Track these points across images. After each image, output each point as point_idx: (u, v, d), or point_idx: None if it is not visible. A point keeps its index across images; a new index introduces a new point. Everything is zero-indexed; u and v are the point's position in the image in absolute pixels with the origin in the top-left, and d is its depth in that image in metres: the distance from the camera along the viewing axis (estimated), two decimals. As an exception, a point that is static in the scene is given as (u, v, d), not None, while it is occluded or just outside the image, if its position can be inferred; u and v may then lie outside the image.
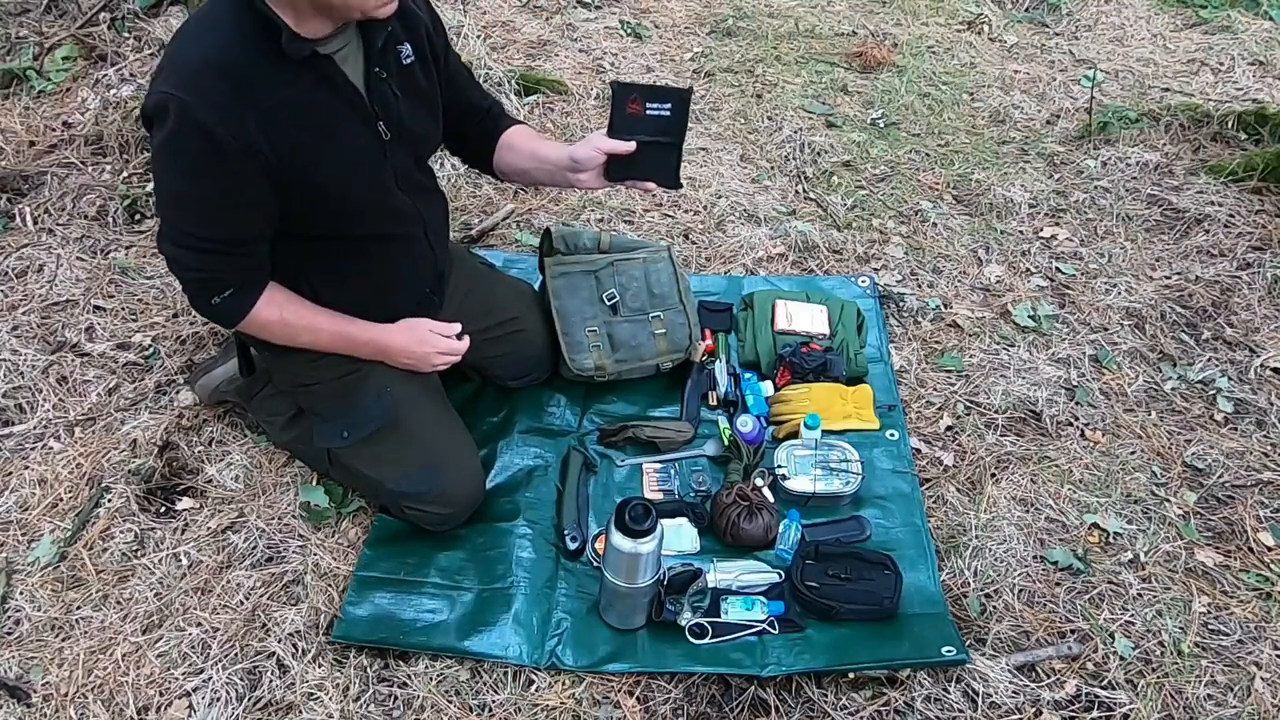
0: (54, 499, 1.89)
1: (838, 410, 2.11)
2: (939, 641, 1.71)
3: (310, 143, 1.48)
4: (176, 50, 1.43)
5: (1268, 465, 2.11)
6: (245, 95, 1.39)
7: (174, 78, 1.38)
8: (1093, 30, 3.90)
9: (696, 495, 1.98)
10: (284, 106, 1.44)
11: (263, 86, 1.41)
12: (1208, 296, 2.54)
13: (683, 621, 1.72)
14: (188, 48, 1.42)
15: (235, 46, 1.39)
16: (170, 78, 1.39)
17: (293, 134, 1.46)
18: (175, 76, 1.38)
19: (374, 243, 1.68)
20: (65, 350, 2.18)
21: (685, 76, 3.42)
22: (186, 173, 1.45)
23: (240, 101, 1.39)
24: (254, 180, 1.46)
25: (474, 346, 1.93)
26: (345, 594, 1.75)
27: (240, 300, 1.59)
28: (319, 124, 1.49)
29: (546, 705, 1.63)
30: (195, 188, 1.46)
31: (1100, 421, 2.20)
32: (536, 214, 2.72)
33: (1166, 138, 3.13)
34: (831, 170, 2.98)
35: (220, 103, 1.38)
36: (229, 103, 1.38)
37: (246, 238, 1.55)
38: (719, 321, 2.35)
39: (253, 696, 1.61)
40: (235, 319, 1.62)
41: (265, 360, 1.88)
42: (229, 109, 1.38)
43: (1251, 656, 1.75)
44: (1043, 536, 1.94)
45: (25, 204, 2.55)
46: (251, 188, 1.47)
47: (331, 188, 1.54)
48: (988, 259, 2.66)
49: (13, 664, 1.64)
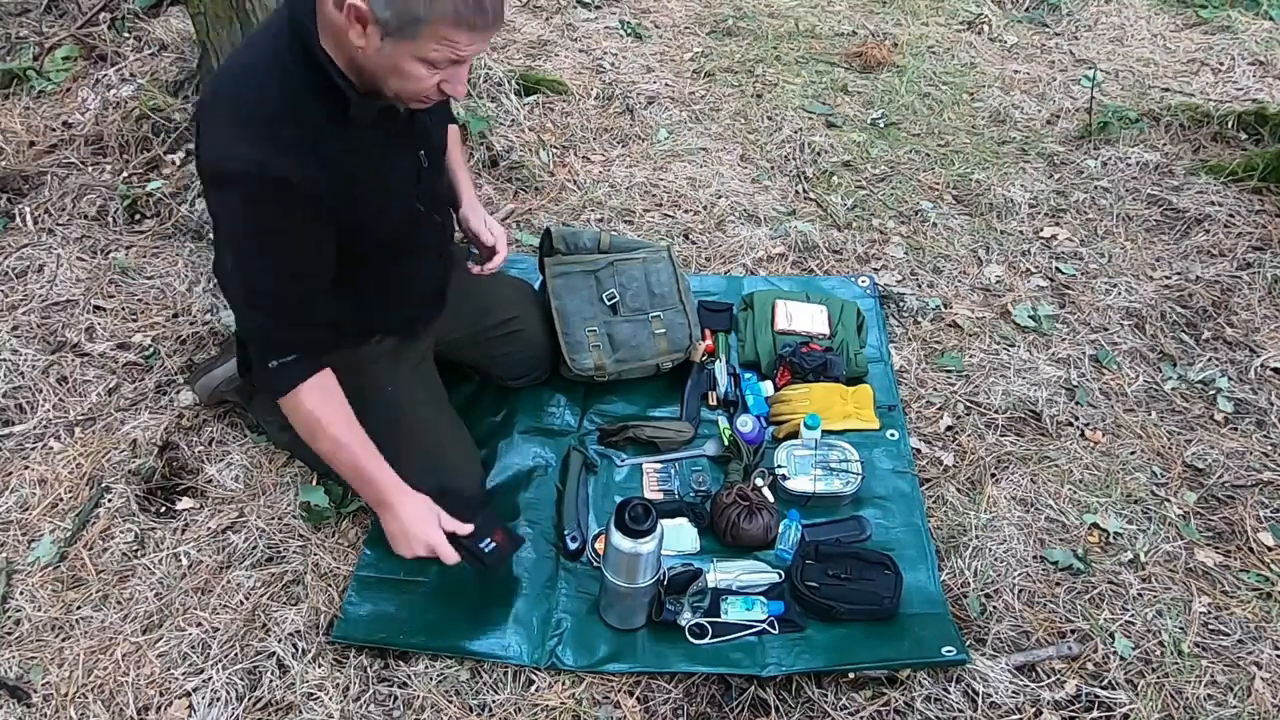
0: (54, 499, 1.89)
1: (838, 410, 2.11)
2: (939, 641, 1.71)
3: (364, 181, 1.49)
4: (239, 101, 1.38)
5: (1268, 465, 2.11)
6: (315, 145, 1.39)
7: (247, 133, 1.35)
8: (1093, 30, 3.90)
9: (696, 495, 1.98)
10: (346, 152, 1.43)
11: (328, 135, 1.41)
12: (1208, 296, 2.54)
13: (683, 621, 1.72)
14: (252, 99, 1.37)
15: (304, 97, 1.37)
16: (242, 133, 1.36)
17: (351, 176, 1.45)
18: (248, 131, 1.36)
19: (392, 260, 1.67)
20: (65, 350, 2.18)
21: (685, 76, 3.42)
22: (268, 229, 1.42)
23: (312, 151, 1.39)
24: (324, 227, 1.46)
25: (474, 346, 1.94)
26: (345, 594, 1.75)
27: (299, 369, 1.54)
28: (374, 163, 1.50)
29: (546, 705, 1.63)
30: (275, 242, 1.45)
31: (1100, 421, 2.20)
32: (536, 214, 2.72)
33: (1166, 138, 3.13)
34: (831, 170, 2.98)
35: (296, 154, 1.36)
36: (303, 154, 1.37)
37: (317, 288, 1.54)
38: (719, 321, 2.35)
39: (253, 696, 1.61)
40: (284, 387, 1.55)
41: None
42: (304, 160, 1.37)
43: (1251, 656, 1.75)
44: (1043, 536, 1.94)
45: (25, 204, 2.55)
46: (322, 235, 1.47)
47: (371, 219, 1.54)
48: (988, 259, 2.66)
49: (13, 664, 1.64)
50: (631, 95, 3.23)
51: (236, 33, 2.53)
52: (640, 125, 3.13)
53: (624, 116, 3.15)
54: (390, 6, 1.25)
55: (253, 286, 1.50)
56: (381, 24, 1.27)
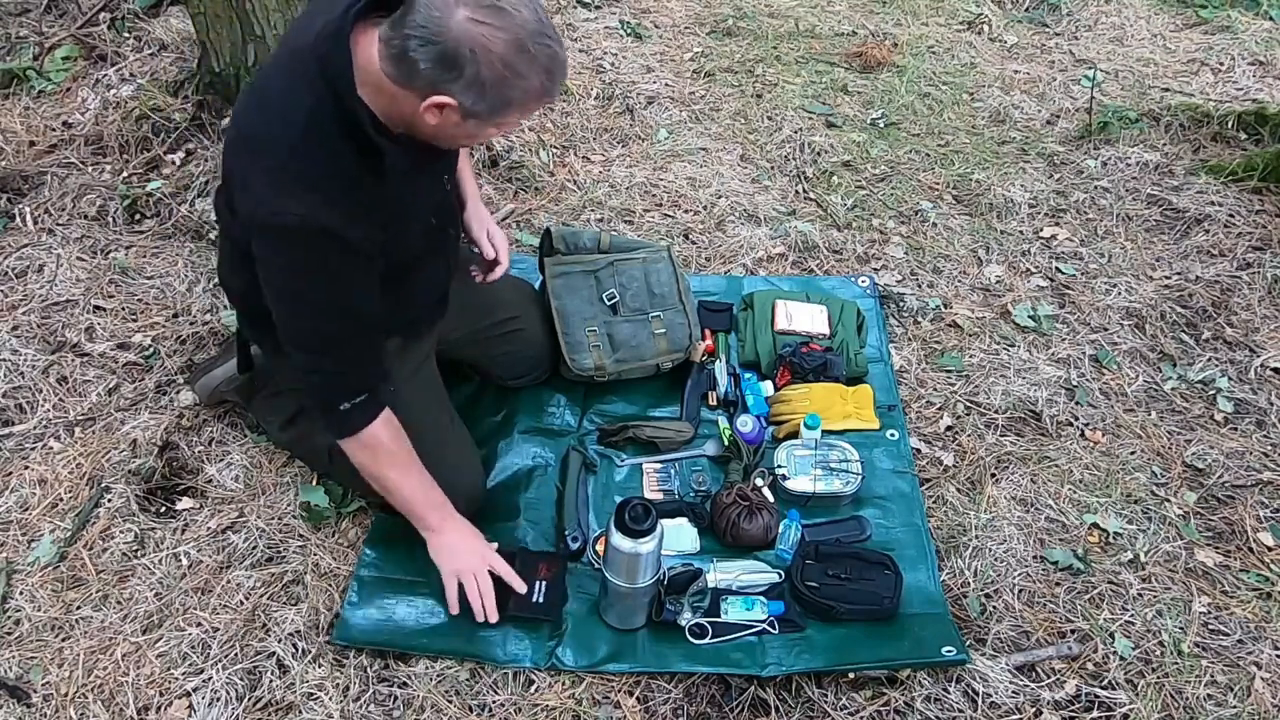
0: (54, 499, 1.89)
1: (838, 410, 2.11)
2: (939, 641, 1.71)
3: (397, 218, 1.51)
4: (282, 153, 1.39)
5: (1268, 465, 2.11)
6: (355, 194, 1.41)
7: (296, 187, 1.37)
8: (1093, 30, 3.90)
9: (696, 495, 1.98)
10: (381, 197, 1.46)
11: (365, 185, 1.42)
12: (1208, 296, 2.54)
13: (683, 621, 1.72)
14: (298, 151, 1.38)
15: (341, 149, 1.38)
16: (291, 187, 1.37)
17: (387, 217, 1.48)
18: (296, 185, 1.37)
19: (405, 273, 1.68)
20: (65, 350, 2.18)
21: (685, 76, 3.42)
22: (327, 277, 1.45)
23: (361, 205, 1.41)
24: (373, 264, 1.49)
25: (474, 346, 1.93)
26: (345, 594, 1.75)
27: (369, 409, 1.58)
28: (405, 199, 1.53)
29: (546, 705, 1.63)
30: (335, 288, 1.47)
31: (1100, 421, 2.20)
32: (536, 214, 2.72)
33: (1166, 138, 3.13)
34: (831, 170, 2.98)
35: (341, 206, 1.39)
36: (348, 204, 1.39)
37: (376, 325, 1.57)
38: (719, 321, 2.35)
39: (253, 696, 1.61)
40: (360, 425, 1.58)
41: (268, 359, 1.88)
42: (354, 214, 1.40)
43: (1251, 656, 1.75)
44: (1043, 536, 1.94)
45: (25, 204, 2.55)
46: (372, 271, 1.50)
47: (396, 247, 1.55)
48: (988, 259, 2.66)
49: (13, 664, 1.64)
50: (631, 95, 3.23)
51: (236, 32, 2.54)
52: (640, 125, 3.13)
53: (624, 116, 3.15)
54: (484, 100, 1.28)
55: (320, 333, 1.52)
56: (467, 111, 1.30)
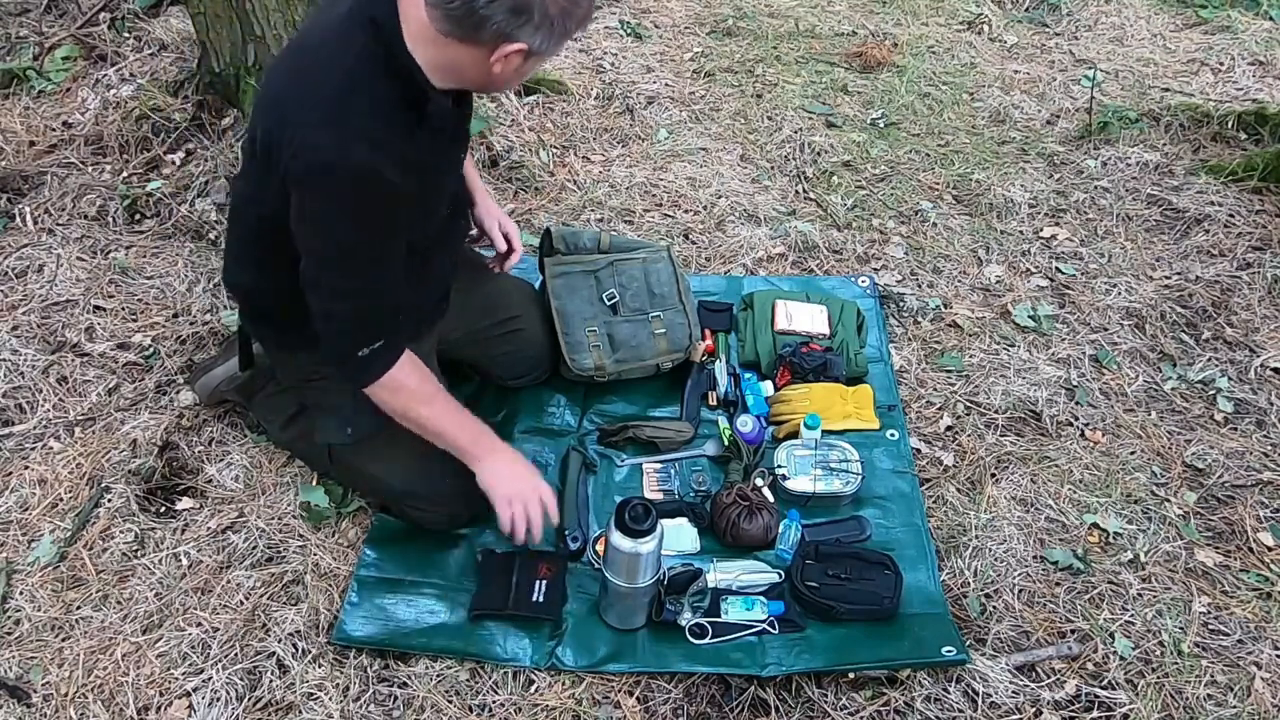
0: (54, 499, 1.89)
1: (838, 410, 2.10)
2: (939, 641, 1.71)
3: (429, 184, 1.52)
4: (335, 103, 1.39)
5: (1268, 465, 2.11)
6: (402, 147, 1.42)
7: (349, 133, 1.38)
8: (1093, 30, 3.90)
9: (696, 495, 1.98)
10: (421, 155, 1.47)
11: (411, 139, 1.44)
12: (1208, 296, 2.54)
13: (683, 621, 1.72)
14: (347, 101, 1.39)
15: (391, 99, 1.40)
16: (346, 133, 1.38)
17: (426, 172, 1.49)
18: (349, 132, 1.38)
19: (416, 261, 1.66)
20: (65, 350, 2.18)
21: (685, 76, 3.42)
22: (368, 224, 1.45)
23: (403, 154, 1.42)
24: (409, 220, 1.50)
25: (474, 346, 1.93)
26: (345, 594, 1.75)
27: (387, 355, 1.58)
28: (437, 168, 1.54)
29: (546, 705, 1.63)
30: (372, 235, 1.47)
31: (1100, 421, 2.20)
32: (536, 214, 2.72)
33: (1166, 138, 3.13)
34: (831, 170, 2.98)
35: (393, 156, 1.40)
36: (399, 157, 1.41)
37: (399, 277, 1.57)
38: (719, 321, 2.35)
39: (253, 696, 1.61)
40: (378, 373, 1.58)
41: (270, 357, 1.88)
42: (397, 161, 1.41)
43: (1251, 656, 1.75)
44: (1043, 536, 1.94)
45: (25, 204, 2.55)
46: (405, 228, 1.51)
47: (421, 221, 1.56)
48: (988, 259, 2.66)
49: (13, 664, 1.64)
50: (631, 95, 3.23)
51: (236, 32, 2.54)
52: (640, 125, 3.13)
53: (624, 116, 3.15)
54: (551, 37, 1.33)
55: (350, 276, 1.51)
56: (532, 52, 1.34)
